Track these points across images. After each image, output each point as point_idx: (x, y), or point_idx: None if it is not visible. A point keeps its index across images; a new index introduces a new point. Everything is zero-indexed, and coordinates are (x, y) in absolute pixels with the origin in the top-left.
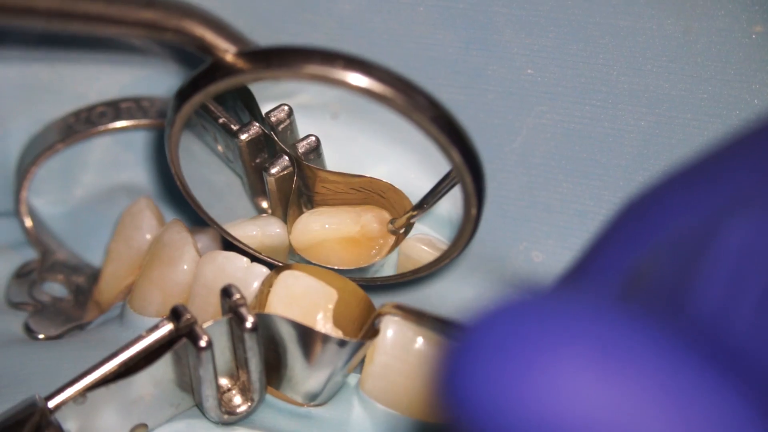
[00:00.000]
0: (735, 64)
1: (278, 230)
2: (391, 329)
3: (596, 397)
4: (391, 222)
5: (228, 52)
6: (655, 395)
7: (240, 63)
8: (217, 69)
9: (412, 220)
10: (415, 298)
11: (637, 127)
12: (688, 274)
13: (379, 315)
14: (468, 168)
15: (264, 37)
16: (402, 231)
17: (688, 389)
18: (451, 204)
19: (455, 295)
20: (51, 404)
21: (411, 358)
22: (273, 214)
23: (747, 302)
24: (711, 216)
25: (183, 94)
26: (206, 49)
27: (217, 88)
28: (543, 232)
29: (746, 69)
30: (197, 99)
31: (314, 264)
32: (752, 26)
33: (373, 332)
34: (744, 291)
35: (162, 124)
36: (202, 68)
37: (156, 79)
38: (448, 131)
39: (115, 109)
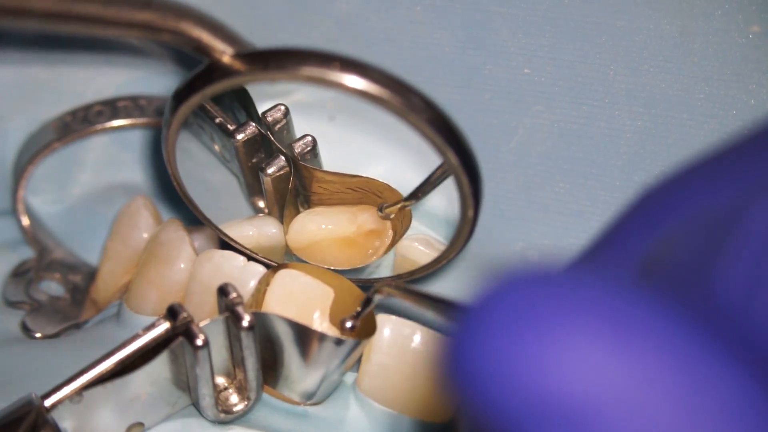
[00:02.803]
0: (732, 64)
1: (275, 230)
2: (388, 328)
3: (609, 374)
4: (380, 209)
5: (225, 53)
6: (669, 376)
7: (237, 64)
8: (214, 70)
9: (404, 209)
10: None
11: (633, 127)
12: (710, 258)
13: (374, 293)
14: (464, 169)
15: (262, 37)
16: (392, 216)
17: (703, 372)
18: (448, 203)
19: (452, 294)
20: (47, 403)
21: (408, 356)
22: (269, 214)
23: None
24: (734, 201)
25: (180, 96)
26: (203, 50)
27: (214, 90)
28: (540, 232)
29: (743, 69)
30: (194, 100)
31: (310, 263)
32: (749, 26)
33: (370, 330)
34: (766, 278)
35: (159, 122)
36: (198, 70)
37: (153, 78)
38: (444, 133)
39: (112, 107)
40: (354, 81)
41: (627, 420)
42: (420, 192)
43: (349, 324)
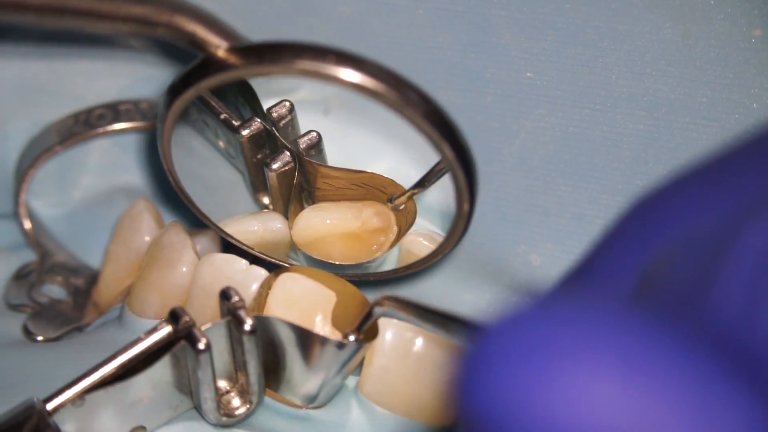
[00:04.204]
0: (734, 67)
1: (279, 225)
2: (390, 331)
3: (617, 405)
4: (390, 199)
5: (219, 47)
6: (676, 404)
7: (231, 58)
8: (209, 64)
9: (414, 197)
10: (402, 289)
11: (635, 130)
12: (707, 277)
13: (375, 306)
14: (460, 163)
15: (263, 39)
16: (402, 207)
17: (708, 397)
18: (451, 199)
19: (454, 297)
20: (49, 406)
21: (410, 360)
22: (274, 209)
23: None
24: (730, 217)
25: (174, 90)
26: (197, 44)
27: (208, 84)
28: (541, 236)
29: (745, 73)
30: (189, 95)
31: (315, 259)
32: (751, 30)
33: (372, 334)
34: (766, 294)
35: None
36: (193, 64)
37: (155, 82)
38: (439, 126)
39: (113, 111)
40: (349, 74)
41: None
42: (426, 180)
43: (352, 337)
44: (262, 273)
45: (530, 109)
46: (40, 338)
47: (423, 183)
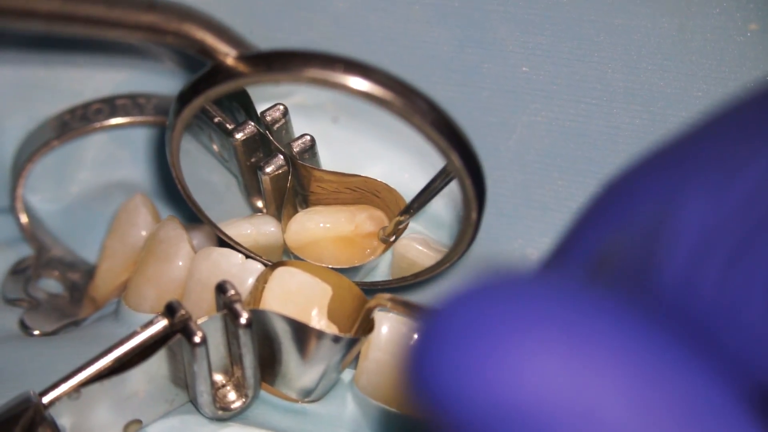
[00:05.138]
0: (730, 62)
1: (273, 229)
2: (386, 325)
3: (560, 381)
4: (380, 237)
5: (228, 55)
6: (619, 375)
7: (241, 66)
8: (218, 72)
9: (401, 226)
10: (409, 296)
11: (632, 125)
12: (651, 250)
13: (371, 307)
14: (468, 172)
15: (258, 35)
16: (393, 239)
17: (652, 366)
18: (444, 204)
19: (450, 292)
20: (45, 400)
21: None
22: (268, 213)
23: (709, 273)
24: (671, 192)
25: (184, 98)
26: (207, 52)
27: (218, 92)
28: (538, 230)
29: (741, 67)
30: (198, 102)
31: (308, 263)
32: (747, 24)
33: (368, 328)
34: (706, 262)
35: (157, 121)
36: (202, 72)
37: (152, 77)
38: (448, 135)
39: (110, 106)
40: (358, 83)
41: (580, 421)
42: (412, 207)
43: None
44: (258, 267)
45: (526, 103)
46: (36, 332)
47: (408, 210)
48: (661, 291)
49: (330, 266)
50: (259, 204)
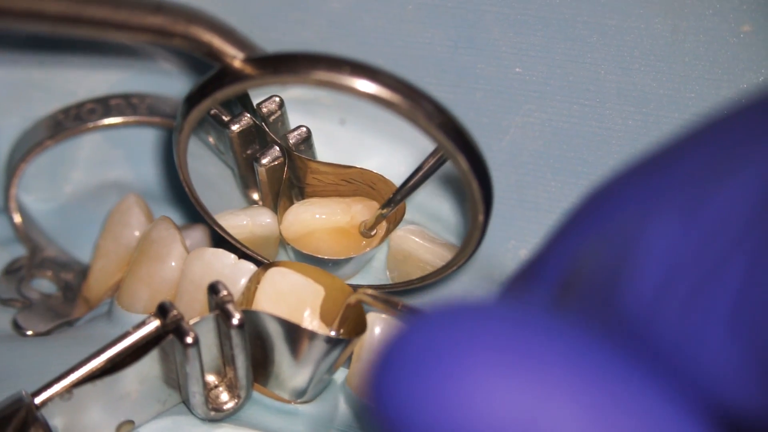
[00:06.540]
0: (723, 63)
1: (269, 220)
2: (379, 326)
3: (513, 406)
4: (361, 232)
5: (236, 58)
6: (573, 400)
7: (248, 69)
8: (226, 75)
9: (384, 216)
10: (409, 296)
11: (624, 126)
12: (618, 271)
13: (351, 304)
14: (475, 174)
15: (254, 35)
16: (374, 233)
17: (608, 390)
18: (442, 199)
19: (443, 292)
20: (37, 400)
21: None
22: (264, 204)
23: (672, 300)
24: (644, 209)
25: (192, 100)
26: (214, 55)
27: (225, 94)
28: (531, 231)
29: (734, 68)
30: (205, 105)
31: (304, 254)
32: (740, 25)
33: (360, 329)
34: (670, 288)
35: (151, 121)
36: (210, 74)
37: (145, 77)
38: (454, 137)
39: (104, 105)
40: (365, 85)
41: None
42: (393, 201)
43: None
44: (250, 267)
45: (520, 104)
46: (29, 333)
47: (389, 204)
48: (624, 314)
49: (326, 257)
50: (255, 196)
